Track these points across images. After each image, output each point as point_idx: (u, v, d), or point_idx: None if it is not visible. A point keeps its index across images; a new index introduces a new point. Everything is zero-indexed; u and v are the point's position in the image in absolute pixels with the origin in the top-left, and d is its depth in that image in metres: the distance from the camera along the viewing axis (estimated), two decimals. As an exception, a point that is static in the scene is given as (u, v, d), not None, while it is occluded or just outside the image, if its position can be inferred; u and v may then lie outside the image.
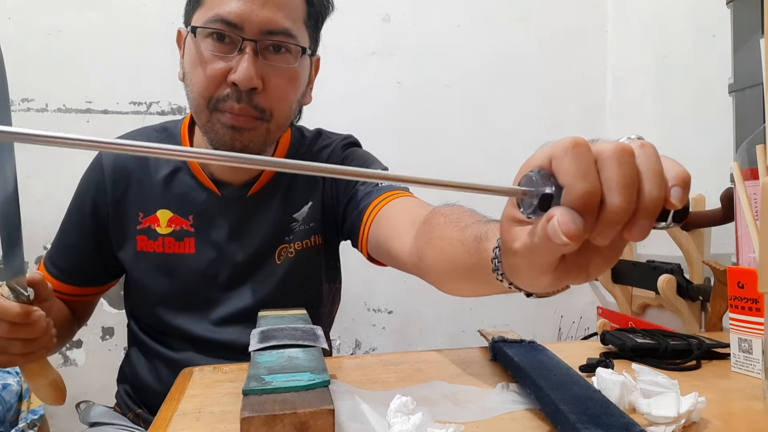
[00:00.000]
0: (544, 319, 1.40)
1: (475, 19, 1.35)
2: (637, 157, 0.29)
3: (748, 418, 0.46)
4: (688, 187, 0.30)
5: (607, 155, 0.29)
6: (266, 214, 0.73)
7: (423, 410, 0.42)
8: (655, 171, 0.29)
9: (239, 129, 0.63)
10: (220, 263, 0.72)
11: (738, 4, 0.87)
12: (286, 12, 0.63)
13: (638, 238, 0.30)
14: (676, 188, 0.29)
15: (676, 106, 1.19)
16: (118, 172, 0.72)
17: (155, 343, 0.74)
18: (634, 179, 0.29)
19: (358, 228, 0.70)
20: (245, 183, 0.73)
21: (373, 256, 0.71)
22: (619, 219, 0.29)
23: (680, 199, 0.29)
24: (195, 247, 0.71)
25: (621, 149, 0.29)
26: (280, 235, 0.74)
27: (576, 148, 0.30)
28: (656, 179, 0.29)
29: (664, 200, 0.29)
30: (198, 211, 0.71)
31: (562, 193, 0.29)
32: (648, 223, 0.29)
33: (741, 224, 0.73)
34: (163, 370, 0.73)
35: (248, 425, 0.35)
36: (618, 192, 0.28)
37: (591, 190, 0.28)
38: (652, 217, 0.29)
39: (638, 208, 0.29)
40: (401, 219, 0.62)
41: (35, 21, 1.14)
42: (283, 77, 0.64)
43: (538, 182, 0.30)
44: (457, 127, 1.33)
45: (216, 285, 0.72)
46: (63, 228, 0.77)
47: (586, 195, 0.28)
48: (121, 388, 0.81)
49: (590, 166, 0.29)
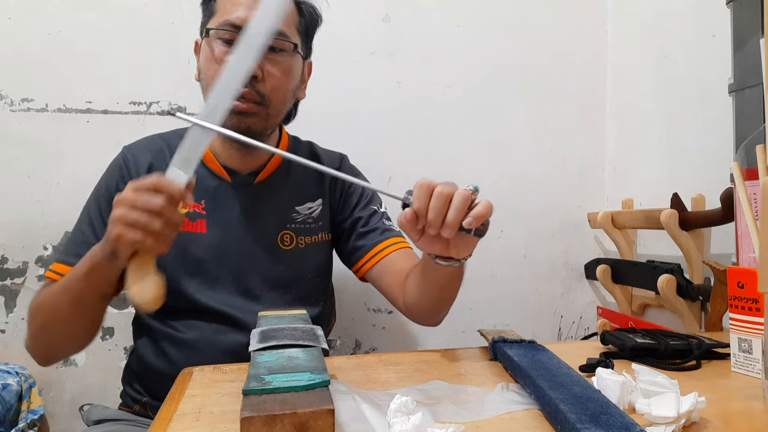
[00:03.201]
0: (544, 319, 1.40)
1: (475, 19, 1.35)
2: (454, 197, 0.55)
3: (748, 418, 0.46)
4: (479, 219, 0.55)
5: (435, 194, 0.55)
6: (271, 201, 0.85)
7: (423, 410, 0.42)
8: (457, 207, 0.55)
9: (243, 113, 0.75)
10: (228, 243, 0.81)
11: (738, 4, 0.87)
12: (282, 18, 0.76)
13: (448, 236, 0.56)
14: (469, 218, 0.55)
15: (676, 106, 1.19)
16: (140, 165, 0.82)
17: (163, 326, 0.79)
18: (443, 208, 0.55)
19: (360, 256, 0.87)
20: (252, 171, 0.84)
21: (366, 280, 0.89)
22: (433, 224, 0.56)
23: (469, 224, 0.55)
24: (206, 228, 0.81)
25: (440, 191, 0.55)
26: (281, 222, 0.85)
27: (420, 186, 0.56)
28: (456, 211, 0.55)
29: (460, 222, 0.55)
30: (210, 195, 0.82)
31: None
32: (450, 231, 0.55)
33: (741, 224, 0.73)
34: (171, 351, 0.78)
35: (248, 425, 0.35)
36: (431, 211, 0.55)
37: (419, 206, 0.56)
38: (453, 228, 0.55)
39: (444, 222, 0.55)
40: (400, 276, 0.82)
41: (35, 21, 1.14)
42: (279, 69, 0.77)
43: (407, 195, 0.57)
44: (457, 127, 1.33)
45: (225, 263, 0.80)
46: (84, 219, 0.82)
47: (417, 209, 0.56)
48: (126, 383, 0.85)
49: (425, 196, 0.56)
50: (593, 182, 1.42)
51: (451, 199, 0.55)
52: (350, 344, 1.28)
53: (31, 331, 0.73)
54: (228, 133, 0.60)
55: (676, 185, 1.13)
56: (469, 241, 0.61)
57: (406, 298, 0.80)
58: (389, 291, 0.84)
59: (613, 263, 1.28)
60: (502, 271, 1.36)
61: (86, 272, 0.65)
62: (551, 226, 1.40)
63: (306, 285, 0.85)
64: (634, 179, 1.33)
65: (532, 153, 1.38)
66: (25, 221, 1.13)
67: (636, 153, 1.32)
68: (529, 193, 1.38)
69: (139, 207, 0.57)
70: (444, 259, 0.63)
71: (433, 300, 0.75)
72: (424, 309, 0.78)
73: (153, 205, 0.57)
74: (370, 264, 0.86)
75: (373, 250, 0.86)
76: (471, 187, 0.56)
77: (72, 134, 1.15)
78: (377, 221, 0.89)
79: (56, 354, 0.79)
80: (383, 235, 0.87)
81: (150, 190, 0.58)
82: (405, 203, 0.57)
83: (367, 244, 0.87)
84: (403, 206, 0.58)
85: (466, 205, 0.55)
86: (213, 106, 0.60)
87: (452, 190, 0.55)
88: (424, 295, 0.75)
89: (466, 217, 0.55)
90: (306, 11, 0.83)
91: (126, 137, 0.89)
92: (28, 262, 1.13)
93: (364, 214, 0.89)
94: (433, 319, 0.80)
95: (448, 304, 0.77)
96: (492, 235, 1.36)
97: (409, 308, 0.80)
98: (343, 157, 0.96)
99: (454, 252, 0.62)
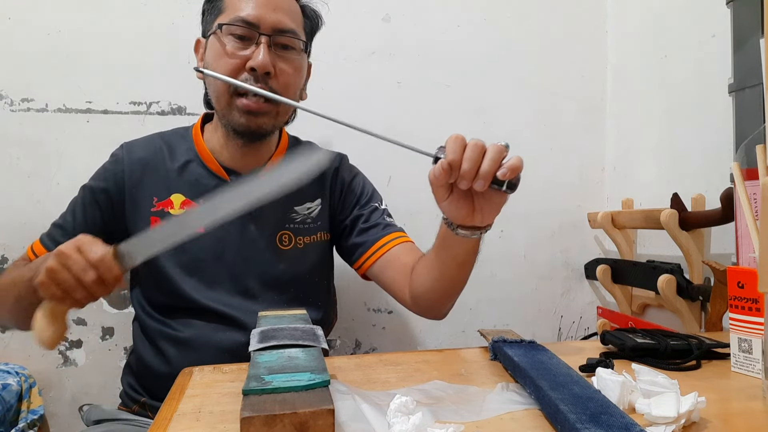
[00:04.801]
0: (544, 319, 1.40)
1: (475, 19, 1.35)
2: (488, 149, 0.57)
3: (748, 418, 0.46)
4: (514, 171, 0.56)
5: (469, 145, 0.56)
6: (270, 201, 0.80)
7: (423, 410, 0.42)
8: (491, 157, 0.56)
9: (254, 113, 0.76)
10: (226, 242, 0.81)
11: (738, 4, 0.87)
12: (292, 17, 0.79)
13: (480, 189, 0.57)
14: (503, 168, 0.56)
15: (676, 106, 1.19)
16: (135, 163, 0.82)
17: (161, 325, 0.80)
18: (477, 158, 0.56)
19: (362, 253, 0.87)
20: (252, 171, 0.84)
21: (368, 277, 0.89)
22: (467, 175, 0.56)
23: (503, 174, 0.56)
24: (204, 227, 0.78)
25: (475, 143, 0.56)
26: (280, 222, 0.85)
27: (455, 139, 0.57)
28: (490, 161, 0.56)
29: (494, 172, 0.56)
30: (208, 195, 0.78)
31: None
32: (484, 183, 0.56)
33: (741, 224, 0.73)
34: (169, 350, 0.78)
35: (248, 425, 0.35)
36: (466, 161, 0.56)
37: (454, 158, 0.56)
38: (487, 179, 0.56)
39: (478, 172, 0.56)
40: (405, 269, 0.81)
41: (35, 21, 1.14)
42: (291, 66, 0.78)
43: (439, 150, 0.58)
44: (457, 127, 1.33)
45: (223, 262, 0.81)
46: (71, 206, 0.84)
47: (452, 160, 0.56)
48: (125, 383, 0.85)
49: (460, 148, 0.56)
50: (593, 182, 1.42)
51: (485, 151, 0.56)
52: (350, 344, 1.28)
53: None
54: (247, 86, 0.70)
55: (676, 185, 1.13)
56: (496, 201, 0.61)
57: (414, 288, 0.78)
58: (393, 285, 0.84)
59: (613, 263, 1.28)
60: (502, 272, 1.36)
61: (29, 278, 0.65)
62: (551, 226, 1.40)
63: (304, 285, 0.85)
64: (634, 179, 1.33)
65: (532, 153, 1.38)
66: (25, 221, 1.13)
67: (636, 153, 1.32)
68: (529, 193, 1.37)
69: (72, 271, 0.57)
70: (466, 229, 0.64)
71: (446, 284, 0.74)
72: (434, 297, 0.77)
73: (83, 277, 0.57)
74: (372, 260, 0.86)
75: (375, 246, 0.86)
76: (503, 143, 0.57)
77: (72, 134, 1.15)
78: (378, 217, 0.89)
79: (8, 327, 0.83)
80: (385, 230, 0.87)
81: (88, 261, 0.58)
82: (437, 157, 0.57)
83: (368, 240, 0.87)
84: (435, 161, 0.57)
85: (500, 157, 0.56)
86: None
87: (485, 144, 0.57)
88: (437, 279, 0.74)
89: (499, 169, 0.56)
90: (310, 13, 0.84)
91: (126, 137, 0.89)
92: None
93: (365, 211, 0.89)
94: (441, 309, 0.80)
95: (460, 289, 0.76)
96: (492, 235, 1.36)
97: (417, 299, 0.79)
98: (342, 157, 0.96)
99: (479, 217, 0.62)
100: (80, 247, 0.58)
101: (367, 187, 0.93)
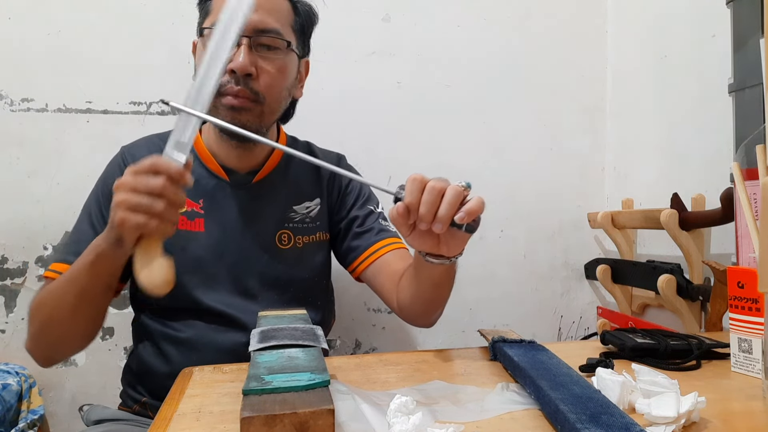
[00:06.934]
0: (544, 319, 1.40)
1: (475, 19, 1.35)
2: (446, 192, 0.55)
3: (748, 418, 0.46)
4: (471, 215, 0.55)
5: (427, 188, 0.55)
6: (269, 200, 0.85)
7: (423, 410, 0.42)
8: (449, 201, 0.54)
9: (237, 109, 0.74)
10: (226, 242, 0.81)
11: (738, 4, 0.87)
12: (276, 17, 0.77)
13: (439, 231, 0.55)
14: (461, 212, 0.54)
15: (676, 106, 1.19)
16: None
17: (161, 325, 0.80)
18: (435, 201, 0.55)
19: (356, 257, 0.88)
20: (250, 170, 0.84)
21: (362, 280, 0.89)
22: (424, 218, 0.55)
23: (461, 219, 0.54)
24: (204, 227, 0.81)
25: (433, 186, 0.55)
26: (279, 221, 0.85)
27: (413, 180, 0.55)
28: (448, 205, 0.54)
29: (452, 216, 0.54)
30: (208, 195, 0.82)
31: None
32: (441, 226, 0.55)
33: (741, 224, 0.73)
34: (169, 350, 0.78)
35: (248, 425, 0.35)
36: (423, 205, 0.55)
37: (411, 200, 0.55)
38: (445, 223, 0.55)
39: (436, 217, 0.55)
40: (395, 276, 0.81)
41: (35, 21, 1.14)
42: (273, 66, 0.76)
43: (399, 189, 0.57)
44: (457, 127, 1.33)
45: (223, 262, 0.80)
46: (84, 218, 0.81)
47: (409, 203, 0.55)
48: (125, 384, 0.85)
49: (417, 190, 0.55)
50: (593, 182, 1.42)
51: (443, 195, 0.55)
52: (350, 344, 1.28)
53: (31, 331, 0.73)
54: (212, 120, 0.61)
55: (676, 185, 1.13)
56: (460, 237, 0.60)
57: (399, 298, 0.79)
58: (383, 291, 0.84)
59: (613, 263, 1.28)
60: (502, 271, 1.36)
61: (91, 262, 0.64)
62: (551, 226, 1.40)
63: (304, 284, 0.85)
64: (634, 179, 1.33)
65: (532, 153, 1.38)
66: (25, 221, 1.13)
67: (636, 153, 1.32)
68: (529, 193, 1.38)
69: (140, 190, 0.56)
70: (435, 256, 0.63)
71: (426, 300, 0.75)
72: (417, 310, 0.77)
73: (154, 187, 0.56)
74: (365, 264, 0.86)
75: (369, 251, 0.86)
76: (464, 184, 0.56)
77: (72, 134, 1.15)
78: (373, 221, 0.89)
79: (57, 353, 0.77)
80: (379, 235, 0.87)
81: (149, 172, 0.57)
82: (397, 197, 0.57)
83: (362, 244, 0.87)
84: (395, 201, 0.57)
85: (458, 201, 0.55)
86: (198, 89, 0.61)
87: (445, 185, 0.55)
88: (416, 295, 0.74)
89: (457, 213, 0.55)
90: (302, 10, 0.82)
91: (126, 137, 0.89)
92: (28, 262, 1.13)
93: (361, 214, 0.89)
94: (427, 320, 0.80)
95: (441, 305, 0.76)
96: (492, 235, 1.36)
97: (402, 309, 0.80)
98: (341, 157, 0.96)
99: (445, 249, 0.61)
100: (130, 171, 0.58)
101: (365, 188, 0.93)
